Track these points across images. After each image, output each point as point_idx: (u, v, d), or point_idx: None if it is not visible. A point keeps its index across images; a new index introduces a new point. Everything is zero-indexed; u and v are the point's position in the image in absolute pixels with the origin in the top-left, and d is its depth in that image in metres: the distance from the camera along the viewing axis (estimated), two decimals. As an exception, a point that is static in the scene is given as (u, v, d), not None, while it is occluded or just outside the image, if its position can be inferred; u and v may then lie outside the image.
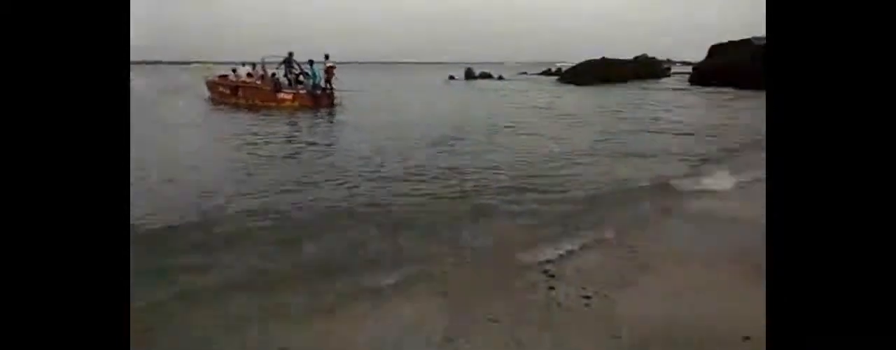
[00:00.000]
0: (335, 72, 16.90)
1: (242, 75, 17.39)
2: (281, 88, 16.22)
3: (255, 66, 17.47)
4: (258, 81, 16.83)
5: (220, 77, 18.54)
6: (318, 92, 16.35)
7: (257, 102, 15.99)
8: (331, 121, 13.51)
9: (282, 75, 16.79)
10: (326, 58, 17.01)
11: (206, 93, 18.99)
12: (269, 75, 16.85)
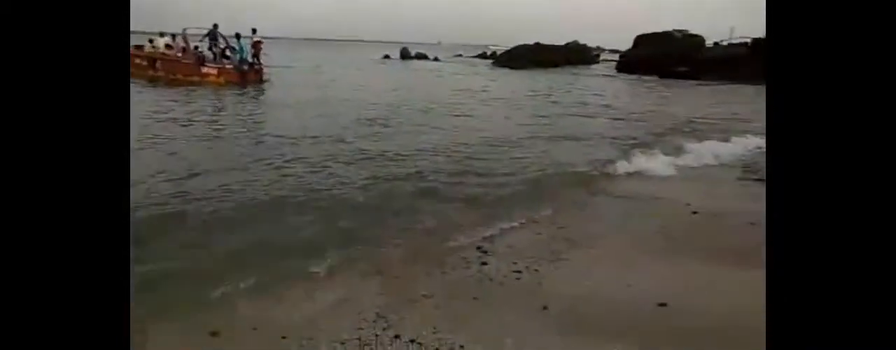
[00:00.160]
0: (263, 47, 16.15)
1: (161, 47, 16.09)
2: (205, 62, 15.25)
3: (174, 38, 16.22)
4: (179, 54, 15.68)
5: (134, 47, 17.10)
6: (245, 67, 15.56)
7: (179, 77, 14.92)
8: (259, 98, 12.93)
9: (206, 49, 15.74)
10: (254, 32, 16.21)
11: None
12: (191, 48, 15.75)
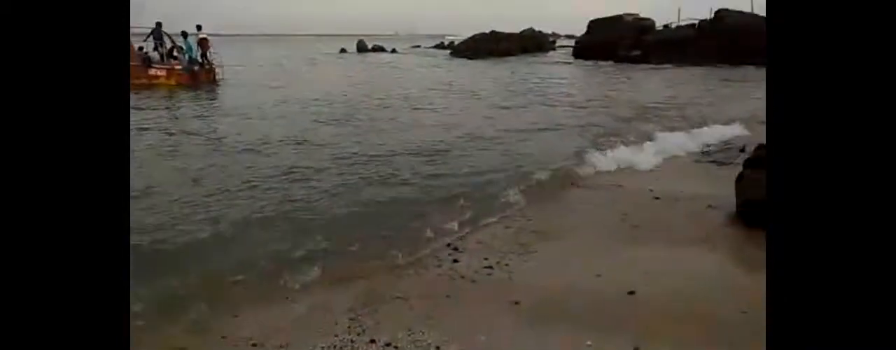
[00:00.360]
0: (210, 44, 15.52)
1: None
2: (152, 64, 14.56)
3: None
4: (123, 56, 14.90)
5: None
6: (195, 68, 14.97)
7: (124, 80, 14.21)
8: (213, 100, 12.45)
9: (151, 49, 14.99)
10: (199, 29, 15.53)
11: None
12: (135, 48, 14.96)
